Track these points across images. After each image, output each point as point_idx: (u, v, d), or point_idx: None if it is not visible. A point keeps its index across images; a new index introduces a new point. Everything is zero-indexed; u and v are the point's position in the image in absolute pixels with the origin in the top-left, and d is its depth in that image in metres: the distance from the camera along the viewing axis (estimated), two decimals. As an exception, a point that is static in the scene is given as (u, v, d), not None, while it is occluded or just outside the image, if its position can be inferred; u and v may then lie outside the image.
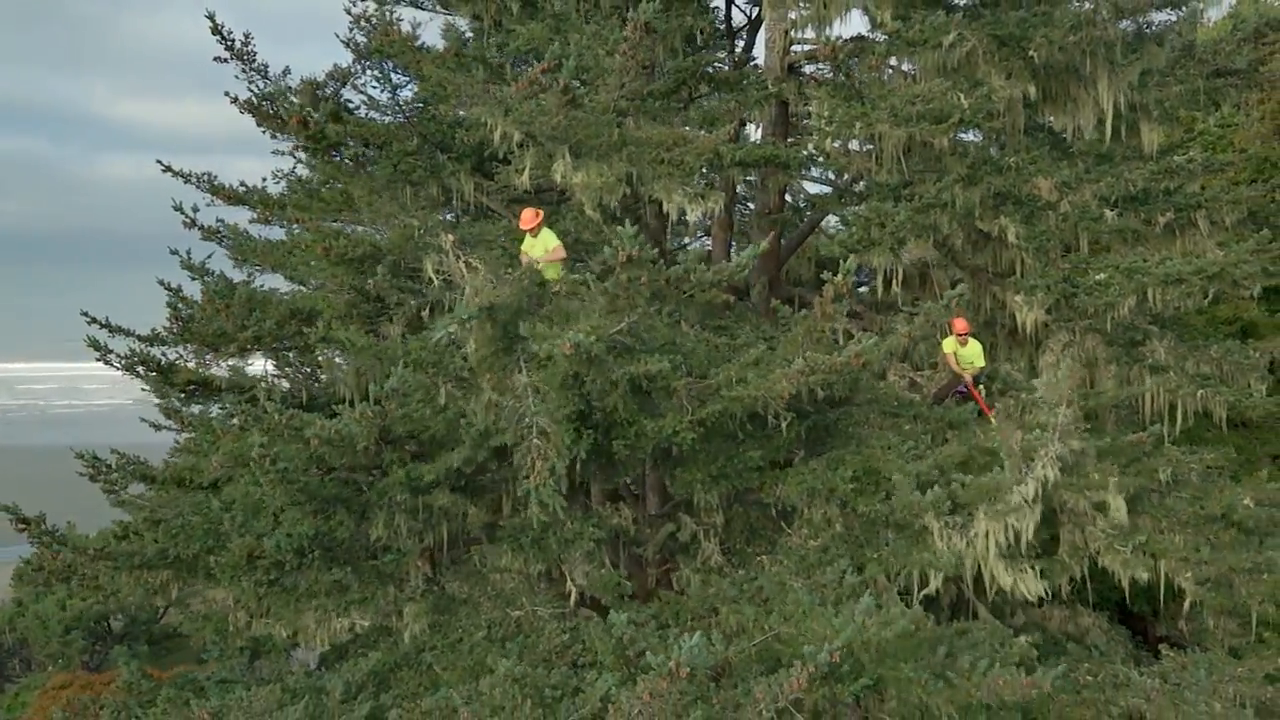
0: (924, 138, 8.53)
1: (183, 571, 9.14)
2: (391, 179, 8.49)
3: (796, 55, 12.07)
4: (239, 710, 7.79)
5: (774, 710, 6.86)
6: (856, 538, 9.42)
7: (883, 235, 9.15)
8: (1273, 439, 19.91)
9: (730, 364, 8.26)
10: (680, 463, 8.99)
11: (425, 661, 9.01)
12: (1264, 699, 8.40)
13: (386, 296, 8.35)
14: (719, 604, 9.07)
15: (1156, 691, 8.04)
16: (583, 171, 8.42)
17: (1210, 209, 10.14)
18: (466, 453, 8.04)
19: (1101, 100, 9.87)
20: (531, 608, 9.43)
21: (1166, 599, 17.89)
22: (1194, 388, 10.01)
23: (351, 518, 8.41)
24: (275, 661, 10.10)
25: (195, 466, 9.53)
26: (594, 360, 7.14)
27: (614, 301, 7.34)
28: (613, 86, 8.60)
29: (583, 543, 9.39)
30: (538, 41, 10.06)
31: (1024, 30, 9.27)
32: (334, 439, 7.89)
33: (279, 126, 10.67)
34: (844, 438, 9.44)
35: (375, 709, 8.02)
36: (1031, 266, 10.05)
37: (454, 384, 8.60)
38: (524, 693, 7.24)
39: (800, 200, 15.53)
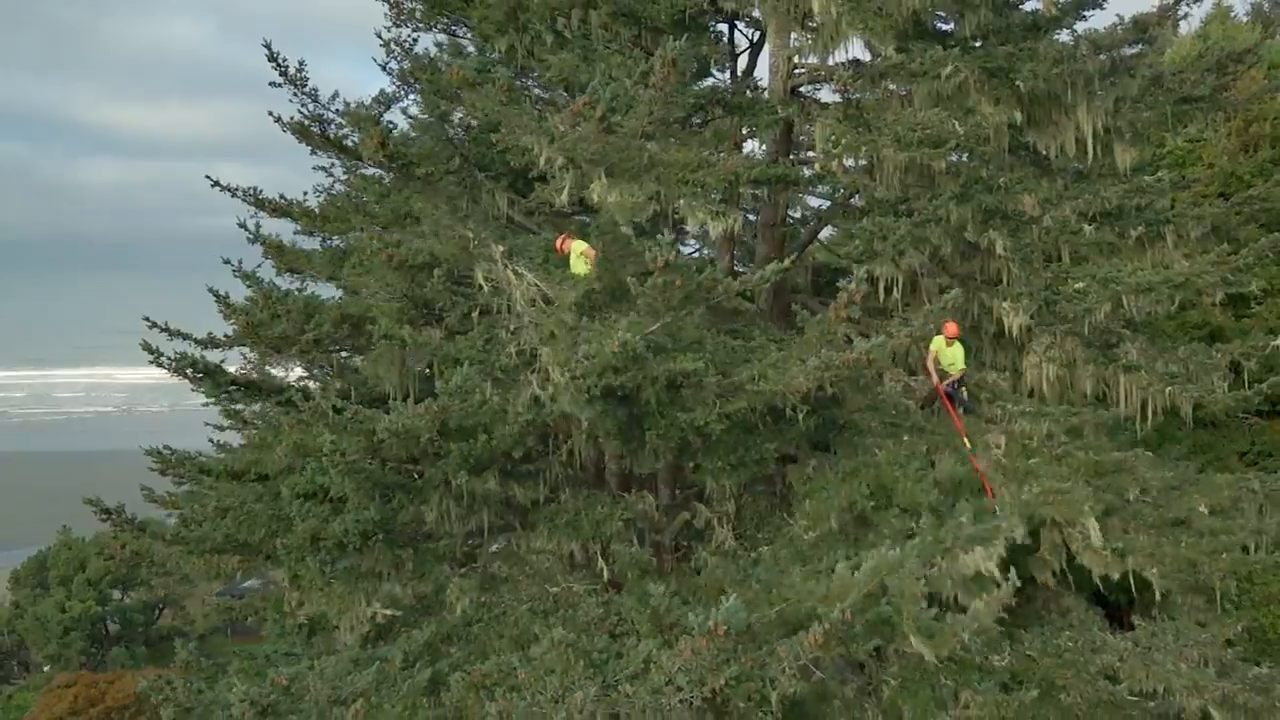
0: (923, 161, 9.54)
1: (250, 555, 10.05)
2: (452, 195, 9.43)
3: (799, 78, 13.11)
4: (314, 677, 8.65)
5: (795, 666, 7.82)
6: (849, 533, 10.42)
7: (885, 247, 10.17)
8: (1239, 437, 21.15)
9: (751, 363, 9.23)
10: (703, 452, 9.95)
11: (474, 634, 9.93)
12: (1224, 660, 9.45)
13: (441, 300, 9.25)
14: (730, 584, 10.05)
15: (1129, 653, 9.09)
16: (616, 191, 9.37)
17: (1177, 224, 11.21)
18: (515, 436, 8.99)
19: (1080, 124, 10.91)
20: (567, 585, 10.39)
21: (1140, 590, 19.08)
22: (1163, 385, 11.05)
23: (411, 503, 9.34)
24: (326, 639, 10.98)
25: (258, 460, 10.37)
26: (636, 357, 8.09)
27: (651, 303, 8.29)
28: (642, 115, 9.54)
29: (612, 524, 10.39)
30: (568, 70, 11.03)
31: (1012, 63, 10.31)
32: (400, 432, 8.82)
33: (325, 145, 11.60)
34: (849, 439, 10.45)
35: (435, 674, 8.91)
36: (1017, 276, 11.08)
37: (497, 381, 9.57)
38: (575, 655, 8.17)
39: (798, 211, 16.57)
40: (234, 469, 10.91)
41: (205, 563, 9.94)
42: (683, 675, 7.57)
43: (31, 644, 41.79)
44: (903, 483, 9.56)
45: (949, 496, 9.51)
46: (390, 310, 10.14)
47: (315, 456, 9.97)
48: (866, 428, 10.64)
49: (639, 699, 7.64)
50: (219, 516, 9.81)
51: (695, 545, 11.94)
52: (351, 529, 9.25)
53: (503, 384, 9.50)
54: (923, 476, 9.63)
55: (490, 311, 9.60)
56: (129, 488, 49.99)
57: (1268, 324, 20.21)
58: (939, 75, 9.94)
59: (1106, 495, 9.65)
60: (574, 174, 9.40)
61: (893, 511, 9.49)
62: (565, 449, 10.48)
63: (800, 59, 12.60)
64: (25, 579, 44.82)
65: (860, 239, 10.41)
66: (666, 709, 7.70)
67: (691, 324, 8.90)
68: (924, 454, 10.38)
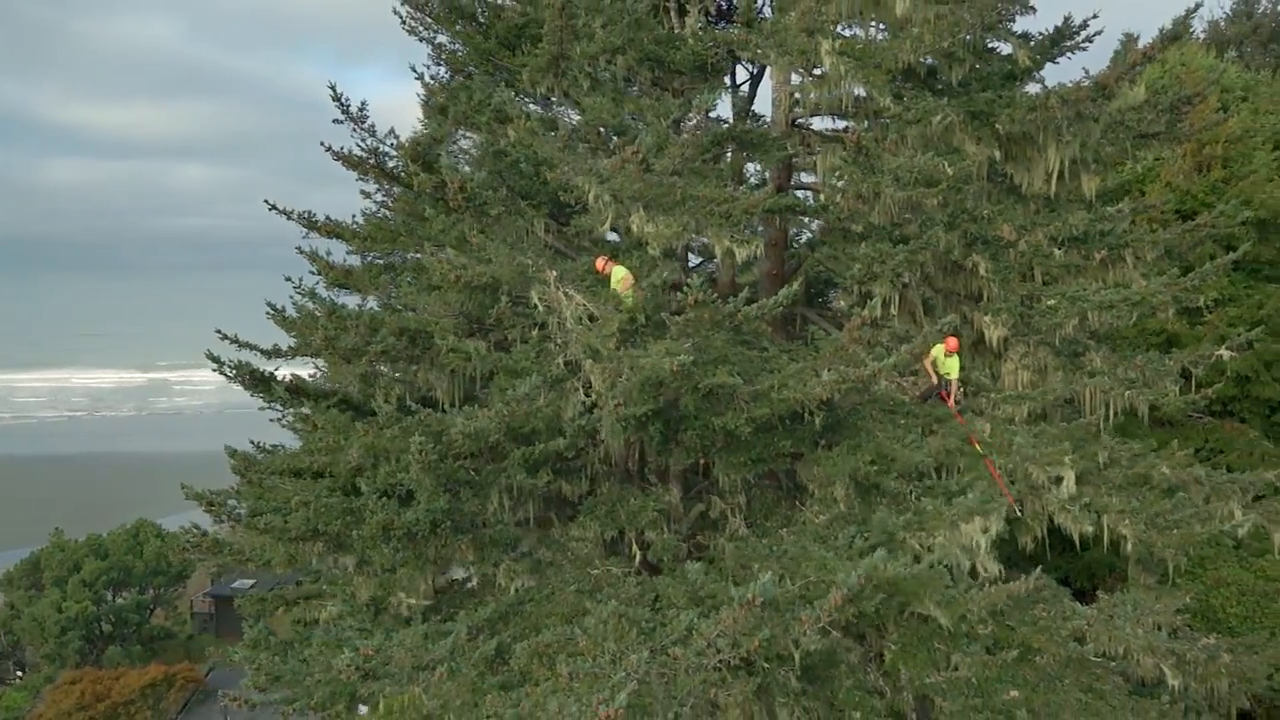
0: (919, 198, 11.02)
1: (328, 543, 11.33)
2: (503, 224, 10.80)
3: (799, 113, 14.59)
4: (396, 647, 9.96)
5: (816, 629, 9.23)
6: (856, 515, 11.89)
7: (884, 270, 11.65)
8: (1193, 435, 22.92)
9: (772, 373, 10.67)
10: (727, 450, 11.38)
11: (526, 611, 11.28)
12: (1175, 625, 11.03)
13: (505, 318, 10.60)
14: (752, 564, 11.48)
15: (1094, 619, 10.62)
16: (653, 223, 10.77)
17: (1135, 247, 12.79)
18: (570, 438, 10.38)
19: (1050, 160, 12.45)
20: (605, 568, 11.77)
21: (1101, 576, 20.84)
22: (1123, 389, 12.62)
23: (474, 496, 10.68)
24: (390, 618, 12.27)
25: (333, 460, 11.65)
26: (686, 373, 9.50)
27: (684, 329, 9.69)
28: (674, 155, 10.96)
29: (646, 514, 11.80)
30: (602, 111, 12.42)
31: (992, 108, 11.83)
32: (472, 433, 10.17)
33: (380, 177, 12.91)
34: (853, 430, 11.91)
35: (500, 645, 10.26)
36: (997, 294, 12.60)
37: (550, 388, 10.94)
38: (628, 625, 9.55)
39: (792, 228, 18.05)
40: (313, 468, 12.16)
41: (289, 549, 11.21)
42: (722, 639, 8.97)
43: (29, 644, 42.54)
44: (900, 452, 11.02)
45: (943, 463, 11.02)
46: (449, 326, 11.47)
47: (386, 456, 11.32)
48: (867, 415, 12.12)
49: (685, 660, 9.02)
50: (300, 509, 11.04)
51: (710, 534, 13.38)
52: (423, 519, 10.57)
53: (554, 391, 10.88)
54: (918, 447, 11.12)
55: (543, 327, 10.95)
56: (108, 490, 51.10)
57: (1218, 331, 21.98)
58: (930, 122, 11.44)
59: (1081, 461, 11.19)
60: (615, 207, 10.79)
61: (892, 475, 10.96)
62: (603, 449, 11.86)
63: (801, 95, 14.09)
64: (18, 580, 45.49)
65: (861, 263, 11.88)
66: (708, 668, 9.10)
67: (719, 341, 10.31)
68: (918, 432, 11.89)
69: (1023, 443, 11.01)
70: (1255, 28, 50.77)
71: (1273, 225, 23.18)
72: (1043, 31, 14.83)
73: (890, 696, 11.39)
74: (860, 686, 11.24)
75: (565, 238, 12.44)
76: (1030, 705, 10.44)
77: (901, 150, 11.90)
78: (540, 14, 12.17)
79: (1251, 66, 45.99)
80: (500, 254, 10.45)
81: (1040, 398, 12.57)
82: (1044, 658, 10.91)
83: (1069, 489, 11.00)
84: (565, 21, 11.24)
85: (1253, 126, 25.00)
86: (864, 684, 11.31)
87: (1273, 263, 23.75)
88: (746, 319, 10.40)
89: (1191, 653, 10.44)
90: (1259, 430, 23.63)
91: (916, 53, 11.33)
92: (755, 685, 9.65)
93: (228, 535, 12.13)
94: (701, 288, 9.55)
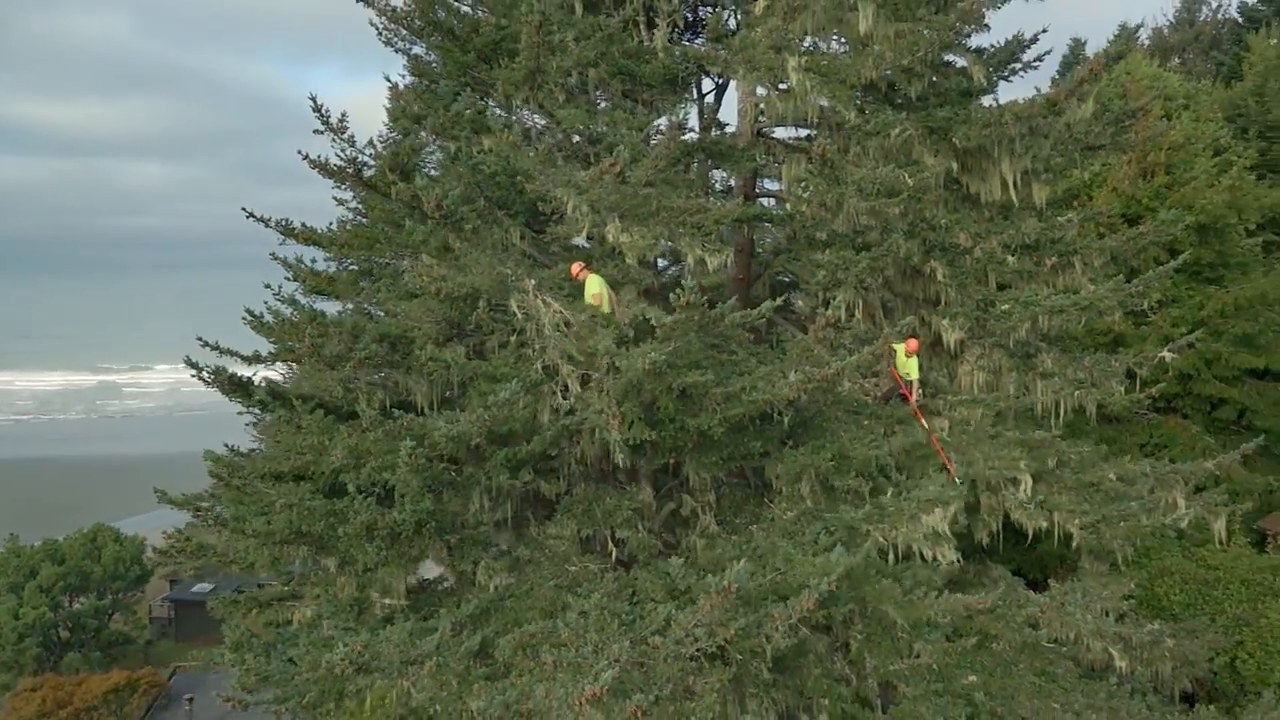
0: (881, 208, 11.57)
1: (312, 544, 11.63)
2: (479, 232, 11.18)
3: (764, 123, 15.12)
4: (384, 643, 10.30)
5: (787, 625, 9.73)
6: (823, 511, 12.42)
7: (848, 276, 12.20)
8: (1139, 431, 23.88)
9: (743, 375, 11.15)
10: (700, 450, 11.84)
11: (507, 606, 11.65)
12: (1122, 611, 11.71)
13: (485, 326, 10.97)
14: (724, 561, 11.95)
15: (1047, 606, 11.25)
16: (628, 233, 11.21)
17: (1083, 254, 13.47)
18: (549, 440, 10.79)
19: (1004, 172, 13.09)
20: (583, 564, 12.18)
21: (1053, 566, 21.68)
22: (1072, 389, 13.30)
23: (459, 497, 11.05)
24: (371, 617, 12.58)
25: (316, 461, 11.93)
26: (659, 373, 9.94)
27: (671, 332, 10.14)
28: (648, 167, 11.40)
29: (621, 512, 12.24)
30: (576, 121, 12.83)
31: (949, 123, 12.42)
32: (454, 436, 10.54)
33: (359, 186, 13.22)
34: (818, 430, 12.45)
35: (484, 640, 10.63)
36: (954, 298, 13.21)
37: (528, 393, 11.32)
38: (609, 616, 9.98)
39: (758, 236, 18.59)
40: (293, 471, 12.43)
41: (274, 551, 11.50)
42: (699, 629, 9.43)
43: (-15, 650, 41.99)
44: (861, 450, 11.57)
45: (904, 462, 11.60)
46: (430, 333, 11.83)
47: (369, 457, 11.64)
48: (832, 416, 12.66)
49: (664, 649, 9.47)
50: (284, 511, 11.32)
51: (681, 531, 13.86)
52: (408, 519, 10.93)
53: (531, 395, 11.27)
54: (878, 446, 11.68)
55: (521, 334, 11.34)
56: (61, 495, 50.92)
57: (1162, 331, 22.94)
58: (889, 135, 12.01)
59: (1034, 464, 11.85)
60: (592, 217, 11.21)
61: (851, 473, 11.51)
62: (580, 450, 12.27)
63: (766, 107, 14.60)
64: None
65: (826, 269, 12.41)
66: (685, 657, 9.56)
67: (695, 345, 10.78)
68: (880, 432, 12.46)
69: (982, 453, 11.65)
70: (1197, 35, 52.42)
71: (1212, 229, 24.21)
72: (994, 44, 15.54)
73: (856, 684, 11.91)
74: (828, 675, 11.77)
75: (540, 245, 12.83)
76: (987, 689, 11.04)
77: (864, 162, 12.46)
78: (517, 29, 12.55)
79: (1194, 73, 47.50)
80: (480, 264, 10.82)
81: (994, 402, 13.19)
82: (1000, 644, 11.53)
83: (1025, 490, 11.63)
84: (542, 37, 11.62)
85: (1194, 134, 26.04)
86: (831, 672, 11.83)
87: (1213, 265, 24.79)
88: (731, 326, 10.88)
89: (1137, 637, 11.11)
90: (1201, 425, 24.66)
91: (878, 69, 11.88)
92: (730, 675, 10.14)
93: (212, 538, 12.36)
94: (693, 290, 9.98)
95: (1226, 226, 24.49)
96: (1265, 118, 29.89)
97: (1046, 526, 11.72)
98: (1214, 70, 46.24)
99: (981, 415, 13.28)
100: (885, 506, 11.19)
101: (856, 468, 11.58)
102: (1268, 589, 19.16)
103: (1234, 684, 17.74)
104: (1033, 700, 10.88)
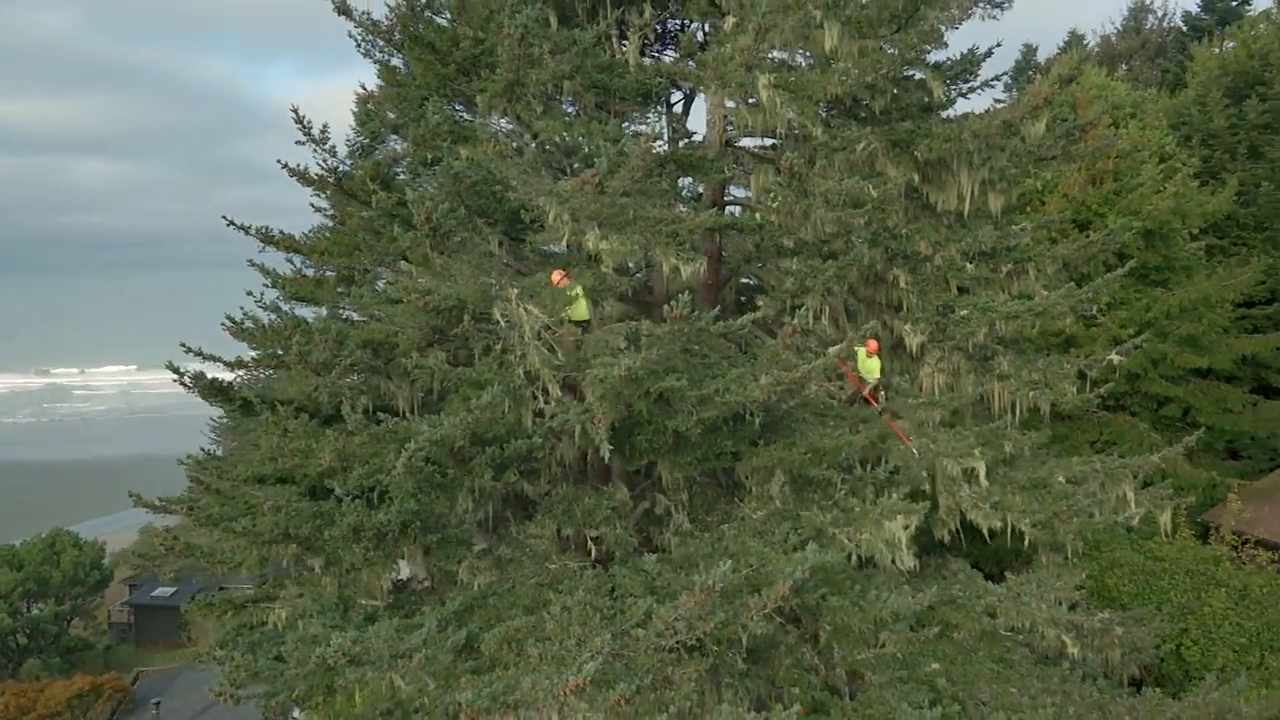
0: (846, 219, 12.12)
1: (299, 544, 11.92)
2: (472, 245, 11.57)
3: (732, 133, 15.65)
4: (373, 638, 10.65)
5: (762, 614, 10.23)
6: (791, 511, 12.97)
7: (815, 284, 12.75)
8: (1089, 428, 24.77)
9: (716, 378, 11.64)
10: (675, 450, 12.33)
11: (490, 603, 12.05)
12: (1074, 600, 12.38)
13: (470, 336, 11.36)
14: (697, 558, 12.45)
15: (1004, 596, 11.89)
16: (607, 241, 11.64)
17: (1036, 262, 14.15)
18: (536, 441, 11.22)
19: (963, 183, 13.71)
20: (562, 562, 12.62)
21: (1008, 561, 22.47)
22: (1027, 390, 13.96)
23: (444, 498, 11.42)
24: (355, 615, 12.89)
25: (303, 464, 12.23)
26: (636, 379, 10.41)
27: (658, 340, 10.59)
28: (624, 178, 11.85)
29: (600, 511, 12.69)
30: (553, 132, 13.25)
31: (911, 137, 13.01)
32: (439, 440, 10.91)
33: (339, 195, 13.53)
34: (787, 430, 12.99)
35: (469, 635, 11.02)
36: (915, 304, 13.82)
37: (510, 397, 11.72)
38: (592, 611, 10.43)
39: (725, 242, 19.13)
40: (276, 474, 12.73)
41: (262, 552, 11.78)
42: (680, 622, 9.91)
43: (-59, 658, 41.40)
44: (829, 445, 12.13)
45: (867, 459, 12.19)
46: (414, 339, 12.19)
47: (356, 460, 11.97)
48: (800, 418, 13.22)
49: (645, 641, 9.93)
50: (272, 513, 11.62)
51: (654, 529, 14.34)
52: (394, 520, 11.29)
53: (513, 399, 11.68)
54: (846, 443, 12.25)
55: (503, 340, 11.73)
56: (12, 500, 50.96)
57: (1110, 333, 23.85)
58: (854, 149, 12.58)
59: (989, 453, 12.50)
60: (573, 226, 11.64)
61: (822, 466, 12.07)
62: (560, 452, 12.71)
63: (734, 119, 15.13)
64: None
65: (794, 277, 12.96)
66: (665, 649, 10.03)
67: (674, 351, 11.26)
68: (846, 430, 13.04)
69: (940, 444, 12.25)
70: (1144, 43, 53.94)
71: (1158, 234, 25.19)
72: (950, 59, 16.19)
73: (825, 673, 12.47)
74: (798, 665, 12.33)
75: (517, 252, 13.23)
76: (949, 675, 11.64)
77: (829, 173, 13.01)
78: (494, 42, 12.93)
79: (1140, 79, 48.87)
80: (464, 274, 11.20)
81: (949, 402, 13.83)
82: (961, 633, 12.15)
83: (981, 480, 12.25)
84: (523, 51, 12.02)
85: (1140, 141, 27.02)
86: (801, 663, 12.39)
87: (1158, 268, 25.78)
88: (714, 334, 11.39)
89: (1089, 625, 11.77)
90: (1147, 423, 25.64)
91: (843, 86, 12.43)
92: (707, 665, 10.64)
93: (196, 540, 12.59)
94: (684, 304, 10.45)
95: (1171, 231, 25.49)
96: (1207, 126, 31.06)
97: (1000, 526, 12.33)
98: (1159, 77, 47.71)
99: (940, 417, 13.93)
100: (851, 510, 11.75)
101: (828, 462, 12.13)
102: (1210, 579, 20.07)
103: (1179, 669, 18.60)
104: (991, 685, 11.50)
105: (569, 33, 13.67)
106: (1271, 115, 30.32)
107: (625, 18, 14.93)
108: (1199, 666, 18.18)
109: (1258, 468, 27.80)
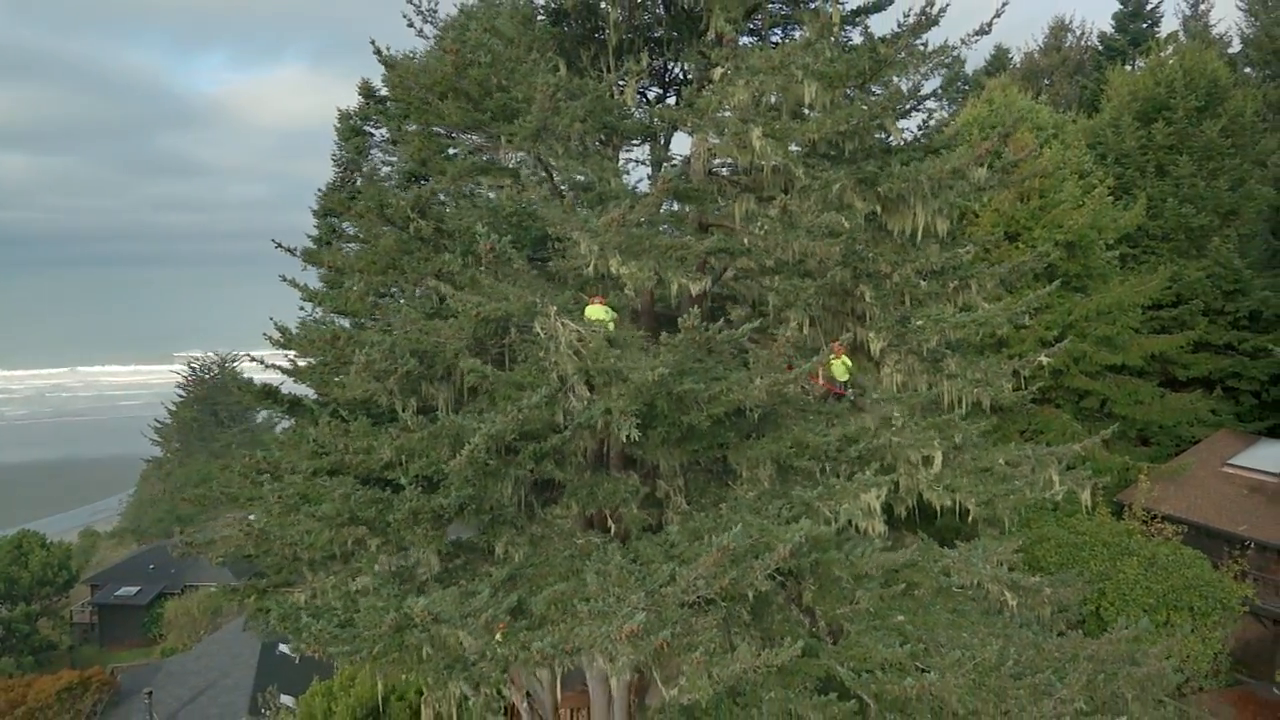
0: (823, 251, 14.50)
1: (366, 527, 13.90)
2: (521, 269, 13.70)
3: (715, 164, 17.98)
4: (443, 601, 12.68)
5: (766, 574, 12.51)
6: (779, 491, 15.32)
7: (798, 300, 15.13)
8: (1020, 420, 27.62)
9: (720, 380, 13.92)
10: (685, 440, 14.58)
11: (528, 574, 14.18)
12: (1012, 563, 14.97)
13: (515, 345, 13.47)
14: (701, 532, 14.72)
15: (957, 559, 14.42)
16: (628, 267, 13.85)
17: (978, 279, 16.74)
18: (568, 435, 13.38)
19: (917, 215, 16.21)
20: (588, 539, 14.80)
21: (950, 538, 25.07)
22: (971, 387, 16.54)
23: (496, 484, 13.53)
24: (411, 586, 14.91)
25: (364, 459, 14.20)
26: (661, 382, 12.64)
27: (673, 348, 12.81)
28: (641, 211, 14.07)
29: (619, 495, 14.90)
30: (571, 169, 15.41)
31: (875, 176, 15.46)
32: (495, 435, 13.00)
33: (380, 220, 15.51)
34: (775, 424, 15.36)
35: (520, 599, 13.13)
36: (878, 315, 16.28)
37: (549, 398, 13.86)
38: (626, 574, 12.63)
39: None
40: (329, 467, 14.66)
41: (334, 535, 13.74)
42: (700, 581, 12.15)
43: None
44: (812, 438, 14.50)
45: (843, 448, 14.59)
46: (457, 349, 14.25)
47: (414, 454, 13.98)
48: (784, 414, 15.59)
49: (673, 598, 12.16)
50: (340, 500, 13.57)
51: (655, 510, 16.59)
52: (452, 504, 13.36)
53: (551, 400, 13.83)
54: (826, 435, 14.65)
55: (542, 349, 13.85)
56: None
57: (1037, 334, 26.74)
58: (830, 188, 14.99)
59: (944, 441, 15.02)
60: (598, 254, 13.82)
61: (806, 457, 14.43)
62: (583, 443, 14.88)
63: (718, 154, 17.46)
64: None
65: (779, 294, 15.32)
66: (688, 604, 12.26)
67: (689, 357, 13.51)
68: (824, 425, 15.45)
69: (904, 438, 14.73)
70: (1064, 60, 57.67)
71: (1078, 245, 28.19)
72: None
73: (809, 626, 14.87)
74: (787, 620, 14.71)
75: (544, 273, 15.36)
76: (913, 623, 14.10)
77: (806, 206, 15.39)
78: (519, 92, 15.04)
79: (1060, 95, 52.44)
80: (514, 292, 13.32)
81: (911, 399, 16.34)
82: (922, 590, 14.64)
83: (937, 466, 14.76)
84: (554, 103, 14.16)
85: (1062, 160, 30.04)
86: (789, 618, 14.78)
87: (1079, 276, 28.80)
88: (720, 343, 13.65)
89: (1025, 583, 14.35)
90: (1070, 414, 28.68)
91: (820, 133, 14.81)
92: (720, 616, 12.93)
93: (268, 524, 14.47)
94: (695, 316, 12.68)
95: (1089, 243, 28.54)
96: (1120, 147, 34.29)
97: (950, 504, 14.85)
98: (1078, 93, 51.33)
99: (898, 411, 16.44)
100: (833, 486, 14.13)
101: (810, 453, 14.51)
102: (1124, 550, 23.04)
103: (1099, 628, 21.46)
104: (948, 630, 13.97)
105: (581, 82, 15.83)
106: (1176, 137, 33.63)
107: (624, 64, 17.15)
108: (1116, 624, 21.04)
109: (1165, 453, 31.13)
